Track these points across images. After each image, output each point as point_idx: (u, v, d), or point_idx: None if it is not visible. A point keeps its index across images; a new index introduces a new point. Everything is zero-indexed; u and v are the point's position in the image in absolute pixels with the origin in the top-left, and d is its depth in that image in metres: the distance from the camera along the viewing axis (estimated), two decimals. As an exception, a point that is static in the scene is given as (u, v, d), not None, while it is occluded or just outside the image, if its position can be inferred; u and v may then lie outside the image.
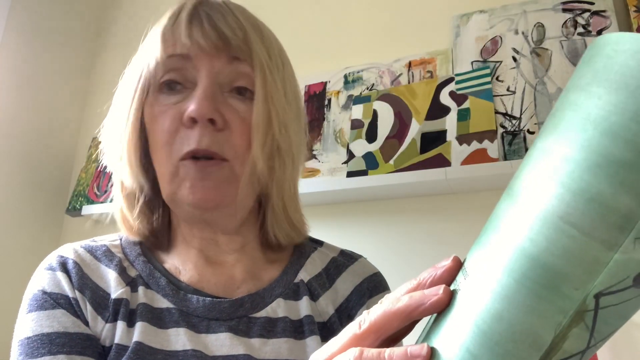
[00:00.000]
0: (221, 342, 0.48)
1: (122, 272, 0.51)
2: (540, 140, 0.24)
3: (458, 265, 0.28)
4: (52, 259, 0.51)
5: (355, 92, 1.35)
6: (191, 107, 0.46)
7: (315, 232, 0.62)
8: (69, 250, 0.52)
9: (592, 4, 1.12)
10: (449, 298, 0.26)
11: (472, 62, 1.22)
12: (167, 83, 0.50)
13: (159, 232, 0.55)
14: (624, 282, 0.21)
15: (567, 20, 1.14)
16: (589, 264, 0.21)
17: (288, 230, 0.56)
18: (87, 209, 1.56)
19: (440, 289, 0.26)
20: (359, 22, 1.44)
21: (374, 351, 0.26)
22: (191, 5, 0.51)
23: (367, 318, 0.28)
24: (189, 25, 0.49)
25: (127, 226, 0.54)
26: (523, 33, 1.18)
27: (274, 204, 0.54)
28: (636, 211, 0.21)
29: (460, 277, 0.27)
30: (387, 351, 0.26)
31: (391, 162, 1.19)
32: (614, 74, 0.22)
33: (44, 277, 0.49)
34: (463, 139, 1.12)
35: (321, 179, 1.27)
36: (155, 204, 0.54)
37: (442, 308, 0.26)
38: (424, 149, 1.17)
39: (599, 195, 0.21)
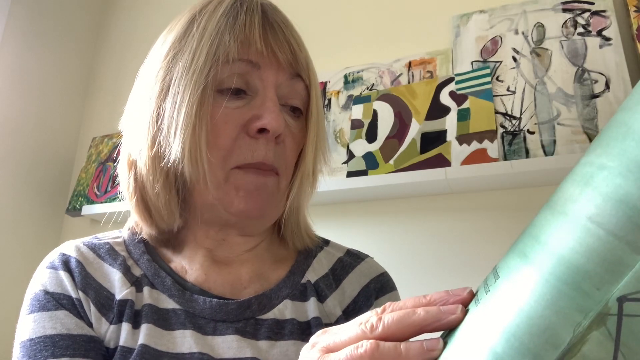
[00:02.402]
0: (228, 344, 0.47)
1: (126, 271, 0.50)
2: (585, 156, 0.25)
3: (471, 298, 0.28)
4: (54, 256, 0.50)
5: (355, 92, 1.35)
6: (267, 120, 0.46)
7: (315, 232, 0.62)
8: (72, 248, 0.51)
9: (592, 4, 1.12)
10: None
11: (472, 62, 1.22)
12: (232, 88, 0.47)
13: (174, 229, 0.53)
14: None
15: (567, 20, 1.14)
16: (613, 264, 0.21)
17: (305, 238, 0.57)
18: (87, 209, 1.56)
19: (458, 309, 0.27)
20: (359, 22, 1.44)
21: (389, 344, 0.26)
22: (259, 9, 0.49)
23: (380, 324, 0.28)
24: (263, 29, 0.48)
25: (150, 219, 0.51)
26: (523, 33, 1.18)
27: (298, 215, 0.56)
28: None
29: (490, 278, 0.27)
30: (403, 344, 0.26)
31: (391, 162, 1.19)
32: None
33: (46, 276, 0.48)
34: (463, 139, 1.12)
35: (321, 179, 1.27)
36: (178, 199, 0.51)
37: (456, 326, 0.27)
38: (424, 149, 1.16)
39: (627, 196, 0.21)
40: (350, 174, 1.22)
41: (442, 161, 1.12)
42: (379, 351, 0.26)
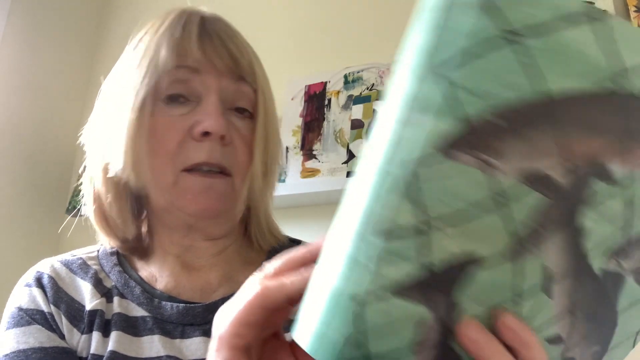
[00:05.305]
0: (196, 346, 0.48)
1: (97, 283, 0.52)
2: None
3: None
4: (29, 275, 0.53)
5: (356, 92, 1.35)
6: (207, 122, 0.48)
7: (314, 233, 0.62)
8: (46, 266, 0.53)
9: (592, 4, 1.12)
10: None
11: (472, 62, 1.22)
12: (173, 95, 0.50)
13: (139, 237, 0.55)
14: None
15: (567, 21, 1.14)
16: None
17: (269, 238, 0.58)
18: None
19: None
20: (359, 22, 1.44)
21: (274, 281, 0.29)
22: (197, 20, 0.51)
23: (269, 266, 0.31)
24: (200, 39, 0.50)
25: (108, 229, 0.54)
26: (523, 33, 1.18)
27: (259, 215, 0.57)
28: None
29: None
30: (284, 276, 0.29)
31: (391, 162, 1.19)
32: None
33: (21, 294, 0.51)
34: (463, 139, 1.12)
35: (321, 179, 1.27)
36: (137, 209, 0.55)
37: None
38: (424, 149, 1.16)
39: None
40: (350, 174, 1.22)
41: (442, 161, 1.12)
42: (268, 288, 0.29)
